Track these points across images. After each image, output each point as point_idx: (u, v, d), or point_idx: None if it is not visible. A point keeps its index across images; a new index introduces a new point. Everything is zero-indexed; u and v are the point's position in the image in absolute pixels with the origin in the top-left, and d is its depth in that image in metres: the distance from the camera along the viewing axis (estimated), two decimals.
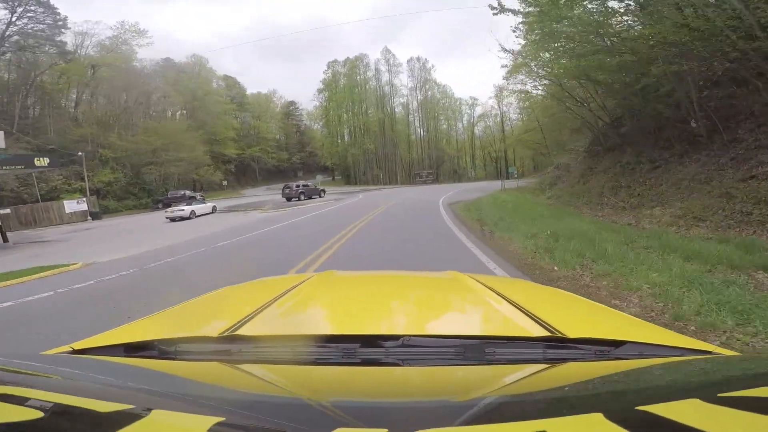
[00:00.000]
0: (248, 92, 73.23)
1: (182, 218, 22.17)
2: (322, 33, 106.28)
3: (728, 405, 0.42)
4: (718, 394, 0.45)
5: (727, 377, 0.59)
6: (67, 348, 0.82)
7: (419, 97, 69.11)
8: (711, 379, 0.59)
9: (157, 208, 32.54)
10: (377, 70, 67.99)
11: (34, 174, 29.69)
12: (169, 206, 33.96)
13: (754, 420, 0.39)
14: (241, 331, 0.80)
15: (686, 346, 0.76)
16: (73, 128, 40.01)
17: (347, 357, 0.71)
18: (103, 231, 20.72)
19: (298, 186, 30.66)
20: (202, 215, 23.58)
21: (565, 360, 0.71)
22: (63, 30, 42.93)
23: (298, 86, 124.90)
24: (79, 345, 0.82)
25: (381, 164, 67.54)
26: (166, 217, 23.39)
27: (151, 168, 42.37)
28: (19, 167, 18.24)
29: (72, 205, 31.17)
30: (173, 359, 0.75)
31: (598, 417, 0.39)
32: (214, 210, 25.91)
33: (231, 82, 69.13)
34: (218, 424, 0.39)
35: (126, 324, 1.03)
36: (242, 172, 65.71)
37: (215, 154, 55.11)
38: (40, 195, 33.36)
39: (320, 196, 31.16)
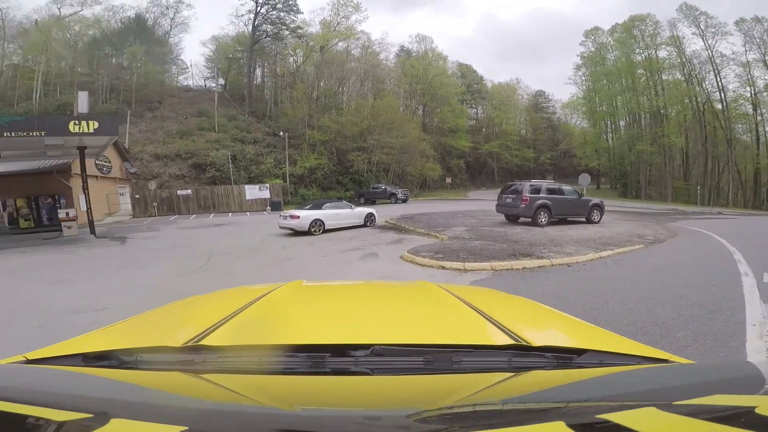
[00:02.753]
0: (486, 82, 60.62)
1: (294, 231, 12.74)
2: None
3: (683, 413, 0.43)
4: (674, 402, 0.47)
5: (682, 385, 0.60)
6: (20, 358, 0.79)
7: None
8: (667, 387, 0.60)
9: (359, 203, 24.20)
10: (675, 37, 40.82)
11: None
12: (374, 202, 26.51)
13: (707, 428, 0.40)
14: (205, 341, 0.78)
15: (644, 355, 0.79)
16: (293, 108, 37.45)
17: (316, 366, 0.71)
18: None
19: (536, 189, 12.71)
20: (338, 229, 13.38)
21: (529, 368, 0.73)
22: (296, 15, 42.27)
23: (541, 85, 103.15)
24: (33, 355, 0.79)
25: (694, 169, 40.64)
26: (280, 226, 13.19)
27: (358, 155, 35.38)
28: (34, 134, 11.18)
29: (253, 192, 26.30)
30: (133, 369, 0.73)
31: (560, 425, 0.41)
32: (369, 221, 14.15)
33: (466, 69, 58.06)
34: None
35: (84, 334, 0.98)
36: (477, 171, 54.26)
37: (444, 146, 45.25)
38: (250, 178, 31.27)
39: (597, 218, 13.27)
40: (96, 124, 11.75)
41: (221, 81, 42.66)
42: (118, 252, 11.66)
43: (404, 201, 28.24)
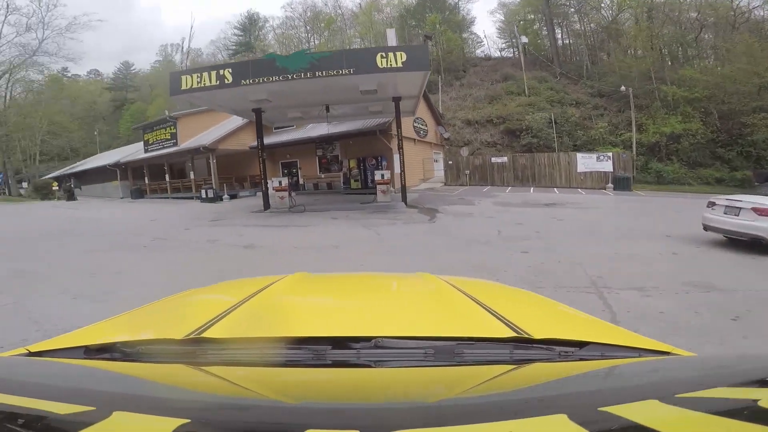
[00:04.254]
0: None
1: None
2: None
3: (685, 406, 0.43)
4: (676, 395, 0.46)
5: (684, 378, 0.60)
6: (22, 350, 0.78)
7: None
8: (669, 379, 0.59)
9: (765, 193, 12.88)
10: None
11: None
12: None
13: (709, 420, 0.40)
14: (207, 333, 0.78)
15: (646, 347, 0.79)
16: (625, 62, 26.66)
17: (318, 359, 0.71)
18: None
19: None
20: None
21: (531, 361, 0.73)
22: None
23: None
24: (35, 347, 0.79)
25: None
26: (710, 227, 5.61)
27: (765, 117, 20.57)
28: (344, 72, 9.66)
29: (588, 162, 18.88)
30: (135, 361, 0.73)
31: (562, 418, 0.40)
32: None
33: None
34: (183, 425, 0.38)
35: (85, 326, 0.97)
36: None
37: None
38: (575, 146, 24.08)
39: None
40: (404, 56, 10.19)
41: (523, 39, 36.41)
42: (425, 233, 7.96)
43: None
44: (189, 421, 0.39)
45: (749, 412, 0.42)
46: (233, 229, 9.58)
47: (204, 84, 10.75)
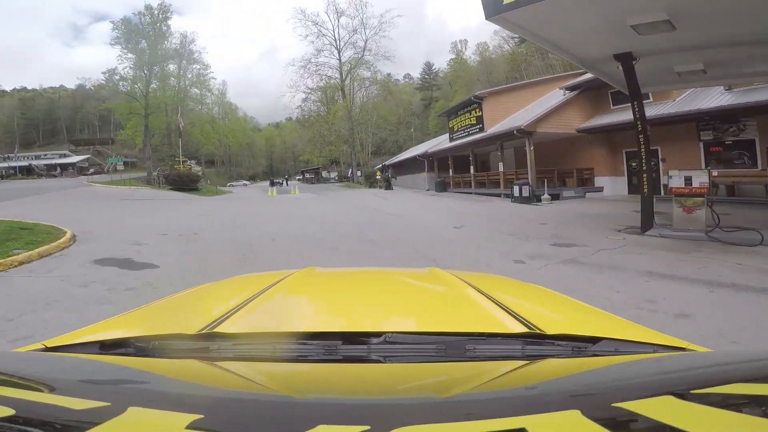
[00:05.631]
0: None
1: None
2: None
3: (701, 402, 0.42)
4: (691, 391, 0.45)
5: (700, 374, 0.59)
6: (39, 345, 0.80)
7: None
8: (684, 375, 0.59)
9: None
10: None
11: None
12: None
13: (726, 417, 0.40)
14: (219, 329, 0.80)
15: (660, 343, 0.78)
16: None
17: (328, 354, 0.72)
18: None
19: None
20: None
21: (543, 356, 0.73)
22: None
23: None
24: (51, 342, 0.81)
25: None
26: None
27: None
28: None
29: None
30: (150, 357, 0.75)
31: (575, 414, 0.40)
32: None
33: None
34: (196, 421, 0.39)
35: (101, 321, 1.00)
36: None
37: None
38: None
39: None
40: None
41: None
42: None
43: None
44: (202, 416, 0.39)
45: (767, 408, 0.41)
46: (621, 277, 4.55)
47: None
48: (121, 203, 15.43)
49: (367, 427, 0.37)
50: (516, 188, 14.46)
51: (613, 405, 0.41)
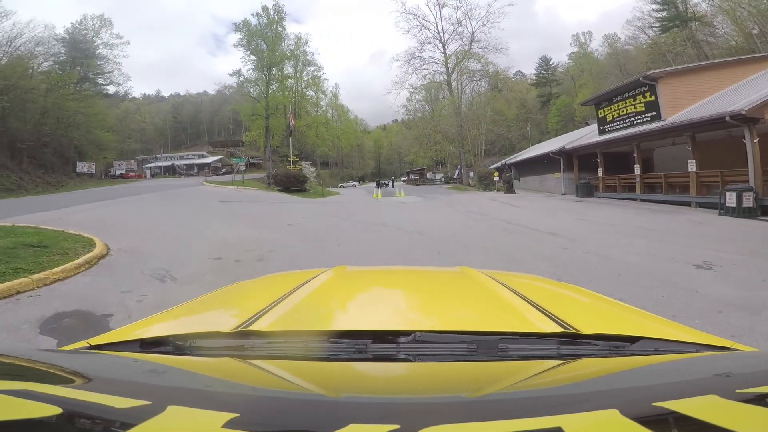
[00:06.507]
0: None
1: None
2: None
3: (748, 401, 0.40)
4: (737, 391, 0.43)
5: (747, 374, 0.57)
6: (83, 343, 0.83)
7: None
8: (729, 375, 0.56)
9: None
10: None
11: None
12: None
13: None
14: (253, 327, 0.81)
15: (703, 342, 0.76)
16: None
17: (359, 352, 0.72)
18: None
19: None
20: None
21: (579, 356, 0.71)
22: None
23: None
24: (95, 341, 0.84)
25: None
26: None
27: None
28: None
29: None
30: (187, 355, 0.77)
31: (613, 413, 0.39)
32: None
33: None
34: (232, 420, 0.39)
35: (141, 320, 1.04)
36: None
37: None
38: None
39: None
40: None
41: None
42: None
43: None
44: (238, 415, 0.40)
45: None
46: None
47: None
48: (214, 206, 14.75)
49: (397, 426, 0.37)
50: (730, 195, 10.23)
51: (653, 404, 0.40)
